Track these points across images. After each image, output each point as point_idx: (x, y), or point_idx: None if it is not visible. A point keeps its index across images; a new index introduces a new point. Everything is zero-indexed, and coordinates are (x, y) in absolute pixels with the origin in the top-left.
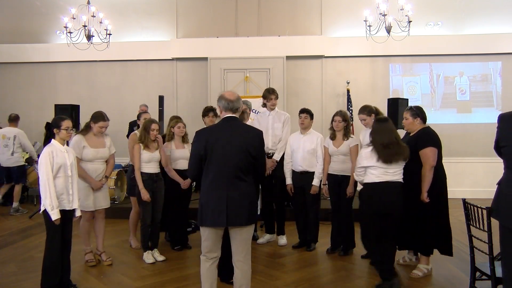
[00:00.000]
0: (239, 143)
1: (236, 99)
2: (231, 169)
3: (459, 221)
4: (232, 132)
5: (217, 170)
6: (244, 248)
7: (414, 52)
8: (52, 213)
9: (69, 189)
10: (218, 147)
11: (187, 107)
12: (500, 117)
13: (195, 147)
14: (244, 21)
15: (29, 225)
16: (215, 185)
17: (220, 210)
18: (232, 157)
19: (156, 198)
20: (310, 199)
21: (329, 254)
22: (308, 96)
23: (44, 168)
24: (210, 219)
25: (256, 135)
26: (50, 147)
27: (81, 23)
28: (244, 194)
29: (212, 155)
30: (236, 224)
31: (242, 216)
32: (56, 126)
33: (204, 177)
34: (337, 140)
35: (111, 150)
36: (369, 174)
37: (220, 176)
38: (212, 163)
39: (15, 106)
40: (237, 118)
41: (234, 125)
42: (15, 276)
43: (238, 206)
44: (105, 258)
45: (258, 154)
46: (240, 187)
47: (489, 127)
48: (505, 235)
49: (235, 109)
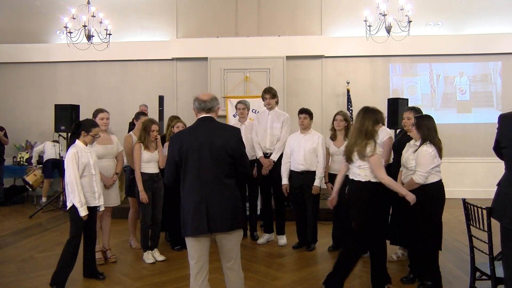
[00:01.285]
0: (215, 144)
1: (210, 99)
2: (208, 172)
3: (459, 221)
4: (207, 133)
5: (194, 175)
6: (231, 256)
7: (414, 52)
8: (81, 209)
9: (94, 186)
10: (193, 151)
11: (187, 107)
12: (500, 117)
13: (169, 153)
14: (244, 21)
15: (29, 225)
16: (193, 191)
17: (200, 217)
18: (208, 160)
19: (156, 198)
20: (310, 199)
21: (330, 252)
22: (308, 96)
23: (71, 169)
24: (191, 228)
25: (233, 134)
26: (75, 148)
27: (81, 23)
28: (226, 199)
29: (187, 160)
30: (218, 230)
31: (225, 222)
32: (86, 130)
33: (181, 184)
34: (338, 140)
35: (119, 148)
36: (436, 172)
37: (197, 181)
38: (188, 168)
39: (15, 106)
40: (213, 118)
41: (208, 125)
42: (15, 276)
43: (220, 211)
44: (110, 255)
45: (237, 153)
46: (220, 191)
47: (489, 127)
48: (506, 236)
49: (208, 109)
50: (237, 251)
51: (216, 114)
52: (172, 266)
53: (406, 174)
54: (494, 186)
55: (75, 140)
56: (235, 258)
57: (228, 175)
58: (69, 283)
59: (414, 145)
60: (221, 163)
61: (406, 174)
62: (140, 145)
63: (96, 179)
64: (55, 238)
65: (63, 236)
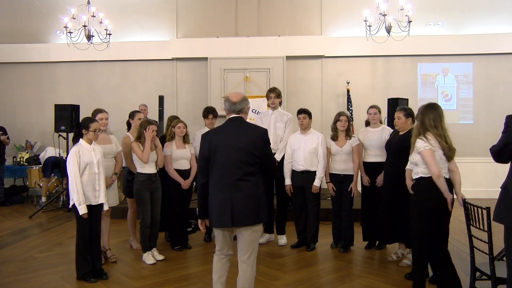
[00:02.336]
0: (242, 144)
1: (240, 101)
2: (234, 170)
3: (459, 221)
4: (235, 133)
5: (221, 172)
6: (248, 250)
7: (414, 52)
8: (80, 208)
9: (95, 185)
10: (221, 149)
11: (187, 107)
12: (509, 118)
13: (201, 150)
14: (244, 21)
15: (29, 225)
16: (220, 187)
17: (225, 212)
18: (235, 158)
19: (154, 198)
20: (310, 199)
21: (333, 248)
22: (308, 96)
23: (71, 167)
24: (216, 220)
25: (259, 134)
26: (78, 147)
27: (81, 23)
28: (249, 195)
29: (216, 157)
30: (241, 225)
31: (248, 217)
32: (86, 127)
33: (210, 179)
34: (340, 140)
35: (118, 147)
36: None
37: (224, 177)
38: (216, 165)
39: (15, 106)
40: (242, 118)
41: (238, 125)
42: (15, 276)
43: (243, 207)
44: (110, 255)
45: (262, 153)
46: (244, 188)
47: (489, 127)
48: (510, 235)
49: (238, 110)
50: (254, 246)
51: (246, 114)
52: (172, 266)
53: (415, 171)
54: (494, 186)
55: (79, 140)
56: (252, 252)
57: (252, 173)
58: (69, 283)
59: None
60: (247, 161)
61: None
62: (137, 143)
63: (99, 178)
64: (55, 238)
65: (63, 236)
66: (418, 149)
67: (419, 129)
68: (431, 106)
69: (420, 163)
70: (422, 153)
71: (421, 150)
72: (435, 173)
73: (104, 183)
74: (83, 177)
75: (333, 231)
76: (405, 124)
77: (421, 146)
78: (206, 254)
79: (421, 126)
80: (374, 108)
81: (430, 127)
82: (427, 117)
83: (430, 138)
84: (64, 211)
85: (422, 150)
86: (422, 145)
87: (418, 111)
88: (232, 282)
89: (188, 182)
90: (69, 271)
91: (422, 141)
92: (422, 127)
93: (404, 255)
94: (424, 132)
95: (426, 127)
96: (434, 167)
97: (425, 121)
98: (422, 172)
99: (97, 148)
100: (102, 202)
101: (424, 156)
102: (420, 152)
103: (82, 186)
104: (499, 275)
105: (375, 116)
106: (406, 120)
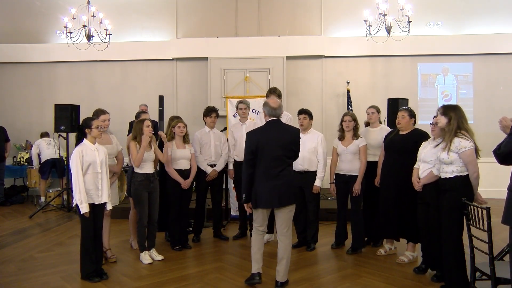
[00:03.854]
0: (285, 142)
1: (279, 107)
2: (279, 162)
3: None
4: (277, 132)
5: (268, 164)
6: (286, 224)
7: (414, 52)
8: (82, 207)
9: (98, 184)
10: (267, 146)
11: (187, 107)
12: None
13: (248, 145)
14: (244, 21)
15: (29, 225)
16: (268, 176)
17: (274, 196)
18: (278, 153)
19: (152, 198)
20: (310, 199)
21: (333, 249)
22: (308, 96)
23: (74, 166)
24: (266, 202)
25: (295, 133)
26: (81, 147)
27: (81, 23)
28: (288, 182)
29: (262, 152)
30: (285, 205)
31: (289, 199)
32: (87, 126)
33: (256, 170)
34: (346, 139)
35: (118, 147)
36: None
37: (270, 168)
38: (262, 159)
39: (15, 106)
40: (280, 120)
41: (277, 126)
42: (15, 276)
43: (285, 191)
44: (110, 255)
45: (296, 147)
46: (284, 176)
47: (489, 127)
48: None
49: (277, 115)
50: (290, 221)
51: (280, 117)
52: (172, 266)
53: (424, 169)
54: (494, 186)
55: (83, 139)
56: (289, 226)
57: (290, 163)
58: (69, 283)
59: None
60: (288, 155)
61: (424, 169)
62: (135, 143)
63: (102, 177)
64: (55, 238)
65: (63, 236)
66: (461, 148)
67: (455, 128)
68: (458, 107)
69: (457, 162)
70: (467, 153)
71: (466, 150)
72: (477, 172)
73: (107, 183)
74: (86, 176)
75: (336, 231)
76: (408, 124)
77: (467, 145)
78: (206, 254)
79: (457, 126)
80: (372, 108)
81: (464, 127)
82: (461, 118)
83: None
84: (64, 211)
85: (468, 150)
86: (467, 144)
87: (446, 110)
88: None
89: (188, 182)
90: (69, 271)
91: (467, 140)
92: (459, 127)
93: (392, 249)
94: (460, 131)
95: (463, 127)
96: (477, 166)
97: (462, 121)
98: (458, 171)
99: (101, 148)
100: (105, 201)
101: (469, 155)
102: (465, 152)
103: (85, 185)
104: (499, 275)
105: (372, 116)
106: (410, 120)
